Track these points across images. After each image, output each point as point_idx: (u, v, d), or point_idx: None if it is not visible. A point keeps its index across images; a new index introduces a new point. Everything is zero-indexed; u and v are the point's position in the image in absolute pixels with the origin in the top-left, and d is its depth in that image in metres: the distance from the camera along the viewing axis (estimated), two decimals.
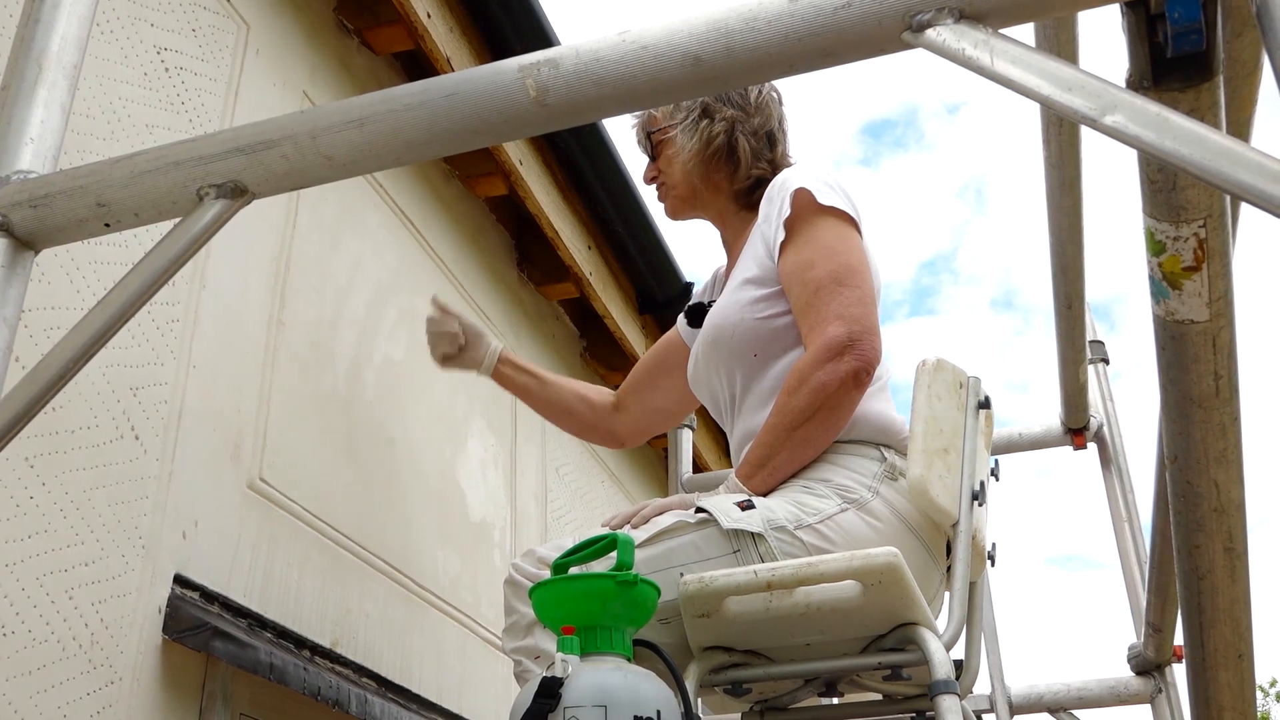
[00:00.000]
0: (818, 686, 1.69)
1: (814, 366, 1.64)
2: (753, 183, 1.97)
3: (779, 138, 2.01)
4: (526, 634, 1.65)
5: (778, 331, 1.77)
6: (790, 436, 1.65)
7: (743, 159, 1.96)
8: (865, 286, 1.71)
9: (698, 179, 2.00)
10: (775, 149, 2.00)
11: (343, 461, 2.26)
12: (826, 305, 1.67)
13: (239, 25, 2.17)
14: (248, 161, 1.19)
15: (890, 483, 1.66)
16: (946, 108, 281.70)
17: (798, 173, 1.83)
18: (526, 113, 1.13)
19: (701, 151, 1.97)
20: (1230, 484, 1.52)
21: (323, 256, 2.33)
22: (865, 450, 1.70)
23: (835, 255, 1.72)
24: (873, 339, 1.65)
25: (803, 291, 1.71)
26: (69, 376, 1.19)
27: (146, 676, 1.66)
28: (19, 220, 1.23)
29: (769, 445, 1.66)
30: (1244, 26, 1.10)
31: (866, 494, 1.64)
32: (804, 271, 1.72)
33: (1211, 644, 1.82)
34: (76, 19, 1.34)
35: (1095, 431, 3.05)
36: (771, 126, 1.99)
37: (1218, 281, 1.24)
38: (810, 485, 1.66)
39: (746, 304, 1.80)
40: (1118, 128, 0.90)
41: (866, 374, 1.64)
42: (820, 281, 1.70)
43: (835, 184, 1.81)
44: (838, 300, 1.67)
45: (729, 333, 1.81)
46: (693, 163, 1.99)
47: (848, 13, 1.01)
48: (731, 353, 1.81)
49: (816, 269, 1.71)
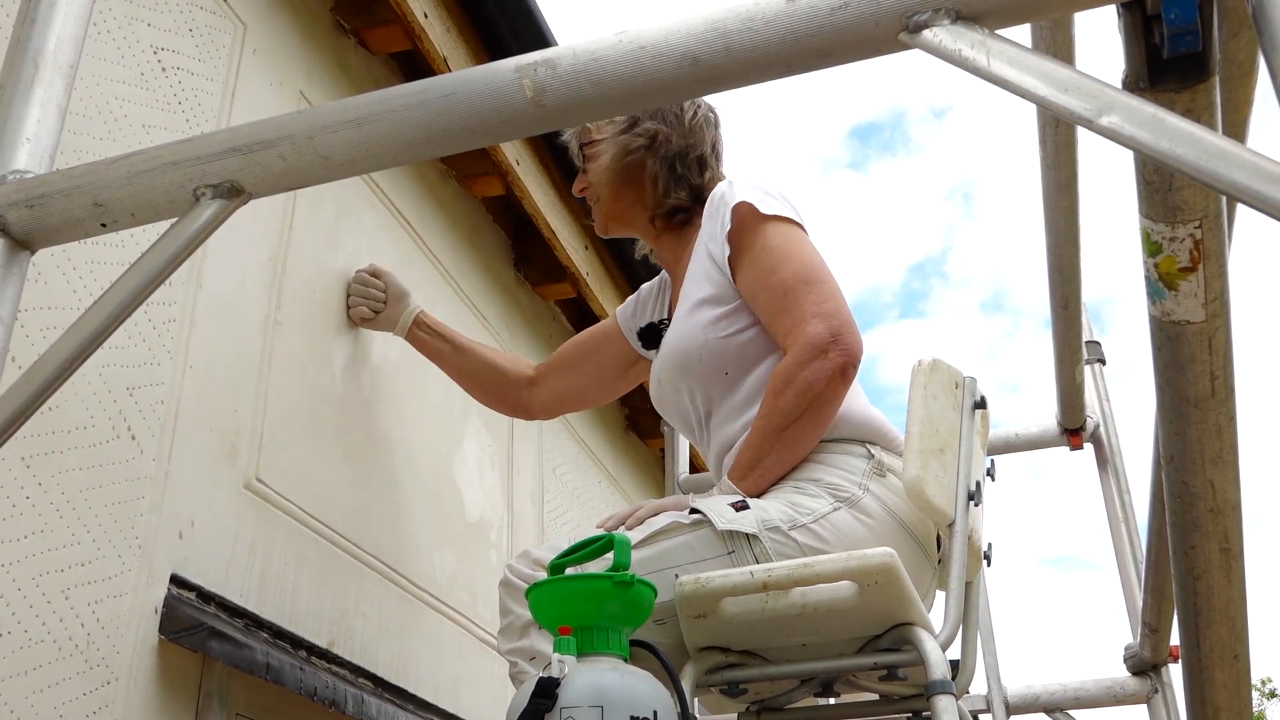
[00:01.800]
0: (814, 687, 1.69)
1: (799, 366, 1.64)
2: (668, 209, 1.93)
3: (710, 162, 1.96)
4: (522, 635, 1.65)
5: (744, 347, 1.77)
6: (780, 437, 1.65)
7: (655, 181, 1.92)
8: (830, 281, 1.71)
9: (615, 194, 1.96)
10: (704, 173, 1.95)
11: (339, 462, 2.26)
12: (800, 306, 1.67)
13: (236, 25, 2.17)
14: (245, 162, 1.19)
15: (879, 479, 1.67)
16: (933, 111, 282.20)
17: (733, 187, 1.81)
18: (524, 113, 1.13)
19: (617, 162, 1.93)
20: (1226, 484, 1.52)
21: (320, 257, 2.33)
22: (852, 448, 1.70)
23: (793, 257, 1.72)
24: (853, 332, 1.66)
25: (771, 298, 1.71)
26: (65, 376, 1.19)
27: (143, 677, 1.65)
28: (15, 220, 1.23)
29: (759, 447, 1.66)
30: (1240, 27, 1.11)
31: (858, 491, 1.64)
32: (767, 278, 1.72)
33: (1208, 644, 1.82)
34: (73, 18, 1.33)
35: (1091, 432, 3.06)
36: (703, 150, 1.94)
37: (1214, 282, 1.24)
38: (801, 485, 1.66)
39: (707, 325, 1.79)
40: (1114, 128, 0.90)
41: (852, 367, 1.64)
42: (787, 284, 1.69)
43: (774, 192, 1.80)
44: (809, 298, 1.67)
45: (695, 356, 1.80)
46: (607, 175, 1.96)
47: (845, 13, 1.01)
48: (700, 375, 1.81)
49: (779, 273, 1.71)
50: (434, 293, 2.81)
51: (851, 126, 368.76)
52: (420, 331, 2.25)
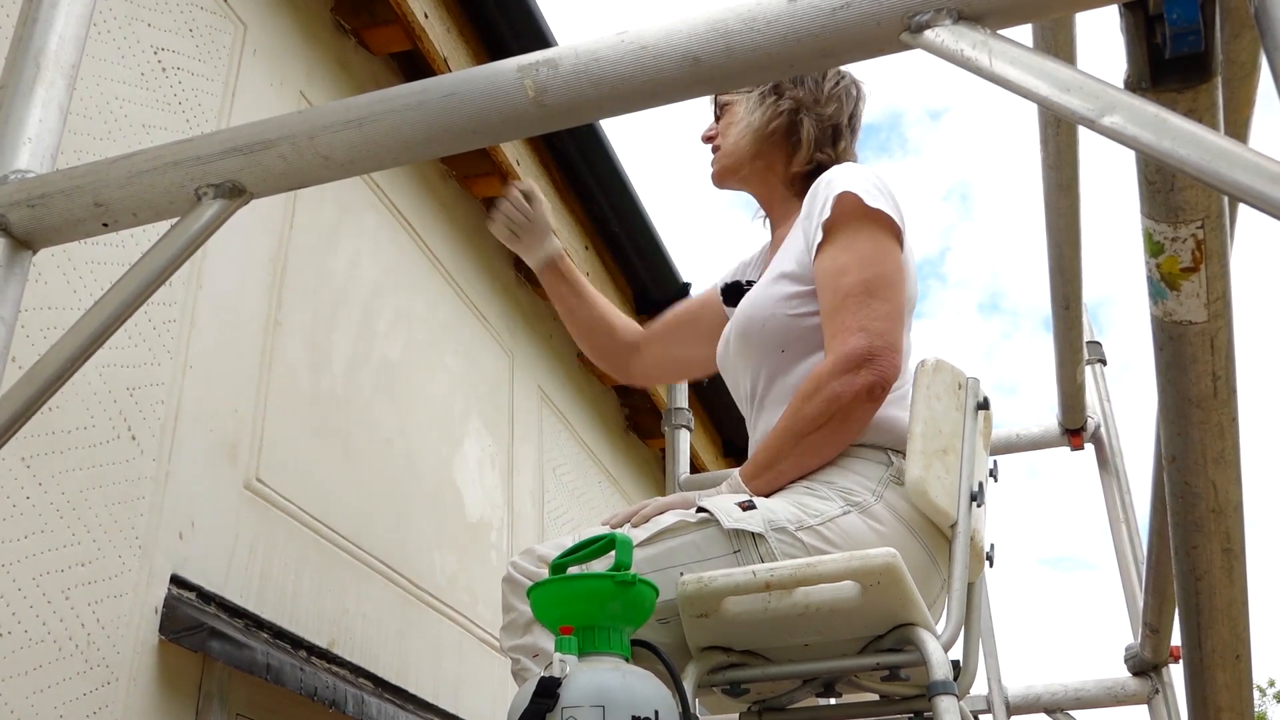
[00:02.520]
0: (816, 687, 1.69)
1: (831, 376, 1.62)
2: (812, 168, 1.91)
3: (844, 134, 1.95)
4: (525, 632, 1.64)
5: (807, 331, 1.75)
6: (799, 443, 1.64)
7: (805, 142, 1.91)
8: (895, 300, 1.68)
9: (753, 154, 1.95)
10: (838, 144, 1.94)
11: (340, 462, 2.26)
12: (852, 315, 1.65)
13: (236, 25, 2.17)
14: (245, 162, 1.19)
15: (895, 486, 1.66)
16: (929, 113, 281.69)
17: (846, 172, 1.78)
18: (525, 113, 1.13)
19: (763, 128, 1.92)
20: (1228, 485, 1.52)
21: (320, 257, 2.33)
22: (873, 454, 1.69)
23: (870, 264, 1.69)
24: (893, 355, 1.62)
25: (832, 298, 1.69)
26: (66, 377, 1.19)
27: (143, 677, 1.65)
28: (16, 220, 1.23)
29: (776, 449, 1.65)
30: (1242, 28, 1.11)
31: (870, 498, 1.63)
32: (837, 277, 1.69)
33: (1209, 645, 1.82)
34: (74, 18, 1.33)
35: (1093, 432, 3.05)
36: (840, 120, 1.94)
37: (1216, 282, 1.24)
38: (813, 487, 1.65)
39: (780, 299, 1.78)
40: (1116, 128, 0.90)
41: (882, 389, 1.61)
42: (850, 289, 1.67)
43: (884, 188, 1.77)
44: (865, 311, 1.64)
45: (759, 325, 1.79)
46: (748, 137, 1.94)
47: (846, 13, 1.01)
48: (760, 346, 1.80)
49: (849, 275, 1.68)
50: (434, 293, 2.81)
51: None
52: (552, 274, 2.19)
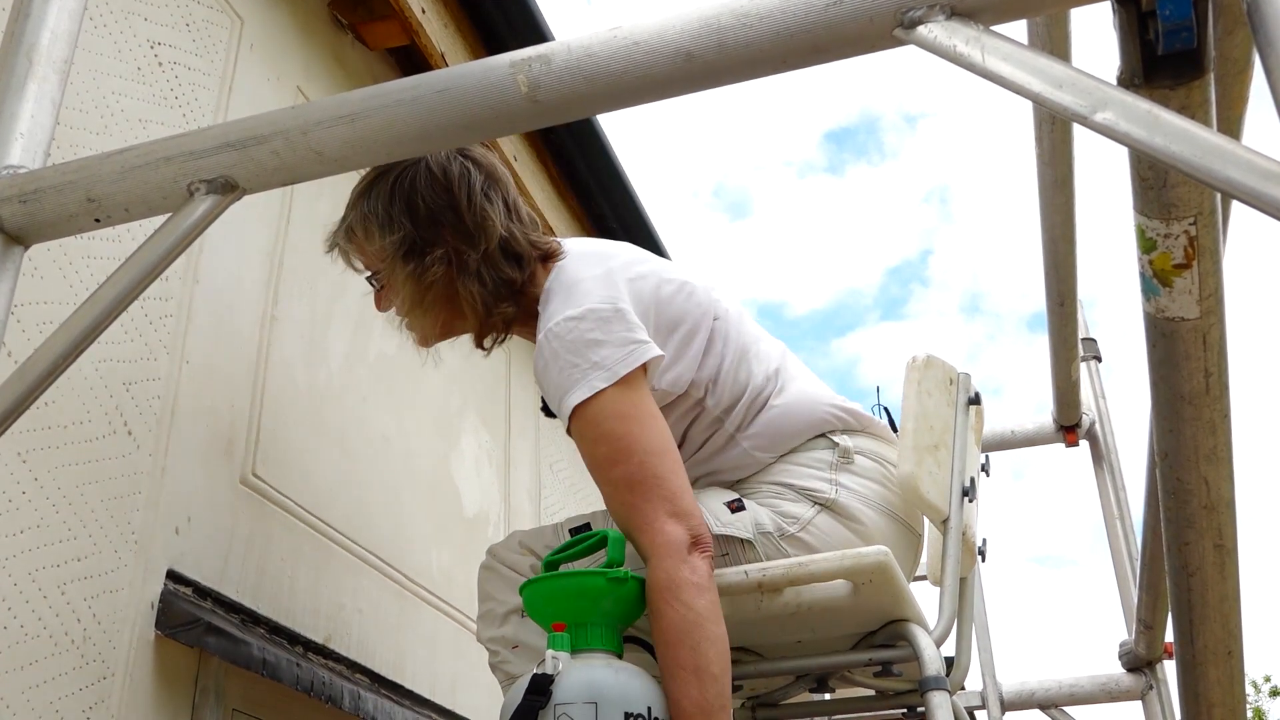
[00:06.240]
0: (809, 683, 1.69)
1: (670, 584, 1.42)
2: (497, 322, 1.69)
3: (514, 245, 1.68)
4: (503, 623, 1.63)
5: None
6: (695, 651, 1.40)
7: (474, 300, 1.66)
8: (668, 457, 1.52)
9: (442, 320, 1.71)
10: (519, 262, 1.68)
11: (336, 457, 2.26)
12: (648, 503, 1.48)
13: (233, 20, 2.16)
14: (238, 157, 1.19)
15: (847, 469, 1.64)
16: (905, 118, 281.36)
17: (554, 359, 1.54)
18: (518, 109, 1.13)
19: (423, 296, 1.67)
20: (1220, 481, 1.52)
21: (316, 252, 2.33)
22: (812, 444, 1.66)
23: (628, 444, 1.51)
24: (703, 522, 1.49)
25: (614, 492, 1.53)
26: (60, 371, 1.19)
27: (139, 672, 1.65)
28: (9, 215, 1.23)
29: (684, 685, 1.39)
30: (1235, 24, 1.11)
31: (829, 490, 1.62)
32: (607, 471, 1.53)
33: (1202, 641, 1.82)
34: (67, 14, 1.33)
35: (1087, 429, 3.06)
36: (501, 233, 1.66)
37: (1208, 279, 1.24)
38: (780, 490, 1.64)
39: None
40: (1108, 125, 0.90)
41: (712, 559, 1.48)
42: (630, 479, 1.50)
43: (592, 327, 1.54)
44: (656, 493, 1.48)
45: None
46: (419, 310, 1.69)
47: (839, 9, 1.01)
48: None
49: (617, 467, 1.51)
50: None
51: (826, 131, 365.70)
52: None
